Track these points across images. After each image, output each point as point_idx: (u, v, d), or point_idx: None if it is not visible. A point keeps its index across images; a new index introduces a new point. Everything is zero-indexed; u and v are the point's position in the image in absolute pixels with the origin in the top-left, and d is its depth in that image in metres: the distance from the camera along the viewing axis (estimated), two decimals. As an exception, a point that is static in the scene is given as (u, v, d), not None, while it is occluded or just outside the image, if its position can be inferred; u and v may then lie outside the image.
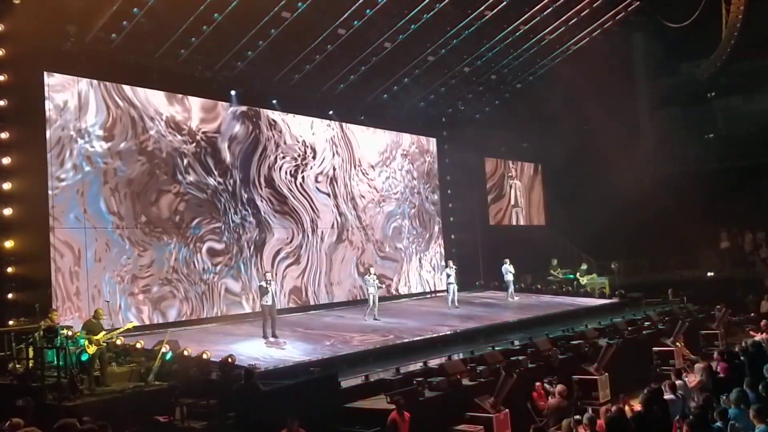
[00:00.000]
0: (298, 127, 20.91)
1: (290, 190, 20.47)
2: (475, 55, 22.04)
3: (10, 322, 12.78)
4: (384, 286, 21.75)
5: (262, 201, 19.59)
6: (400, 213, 24.31)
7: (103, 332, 11.71)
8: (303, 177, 20.86)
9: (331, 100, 21.39)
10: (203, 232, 17.99)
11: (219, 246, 18.32)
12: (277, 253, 19.81)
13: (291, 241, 20.27)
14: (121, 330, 12.62)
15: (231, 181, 18.80)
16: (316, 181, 21.27)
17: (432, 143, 26.14)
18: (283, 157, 20.35)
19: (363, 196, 22.88)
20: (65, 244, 15.19)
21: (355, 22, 18.32)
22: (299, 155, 20.82)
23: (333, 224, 21.64)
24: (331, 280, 21.31)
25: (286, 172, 20.37)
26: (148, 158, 16.95)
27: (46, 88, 15.12)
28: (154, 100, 17.28)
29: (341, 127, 22.28)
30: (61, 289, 14.95)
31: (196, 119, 18.19)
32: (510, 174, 29.48)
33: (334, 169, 21.88)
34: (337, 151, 22.03)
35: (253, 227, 19.27)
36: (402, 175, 24.55)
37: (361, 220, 22.63)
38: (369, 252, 22.59)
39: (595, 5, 21.84)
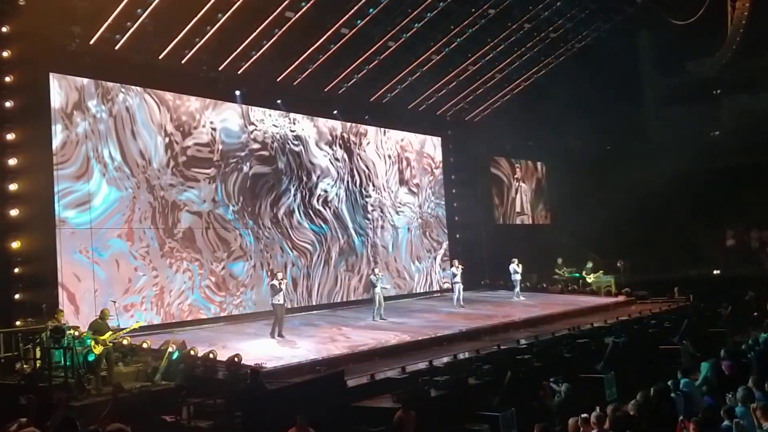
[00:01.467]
0: (314, 152, 21.06)
1: (305, 214, 20.59)
2: (479, 54, 22.02)
3: (17, 323, 12.82)
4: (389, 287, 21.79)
5: (278, 225, 19.70)
6: (410, 231, 24.36)
7: (110, 332, 11.74)
8: (316, 202, 21.00)
9: (336, 100, 21.39)
10: (223, 255, 18.13)
11: (238, 267, 18.47)
12: (289, 268, 19.89)
13: (305, 263, 20.43)
14: (128, 330, 12.64)
15: (247, 205, 18.91)
16: (328, 204, 21.38)
17: (437, 142, 26.13)
18: (301, 183, 20.54)
19: (374, 218, 22.99)
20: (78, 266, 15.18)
21: (359, 21, 18.34)
22: (314, 180, 20.97)
23: (346, 245, 21.78)
24: (343, 295, 21.53)
25: (302, 197, 20.52)
26: (172, 178, 17.13)
27: (52, 100, 15.12)
28: (175, 120, 17.46)
29: (350, 152, 22.35)
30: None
31: (214, 137, 18.35)
32: (516, 176, 29.45)
33: (346, 192, 22.01)
34: (347, 175, 22.15)
35: (271, 249, 19.39)
36: (410, 198, 24.56)
37: (370, 238, 22.70)
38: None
39: (599, 1, 21.81)
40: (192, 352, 12.44)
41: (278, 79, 19.34)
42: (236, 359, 12.00)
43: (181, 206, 17.30)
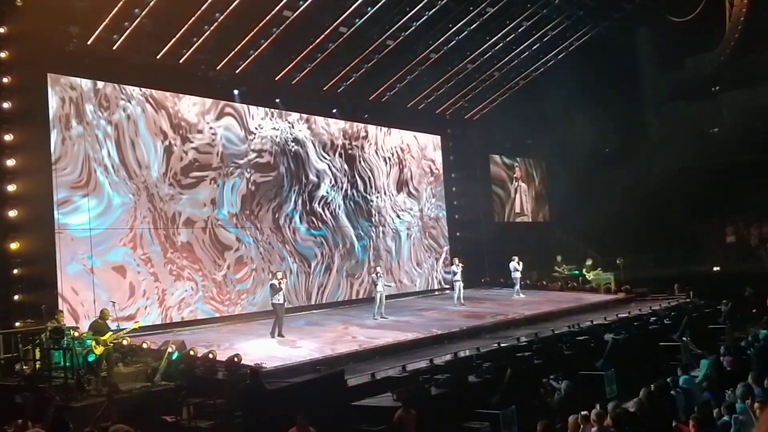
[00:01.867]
0: (315, 157, 21.03)
1: (308, 221, 20.58)
2: (478, 52, 21.99)
3: (17, 324, 12.81)
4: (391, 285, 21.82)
5: (279, 231, 19.68)
6: (411, 236, 24.35)
7: (110, 333, 11.73)
8: (317, 206, 20.98)
9: (334, 99, 21.36)
10: (225, 264, 18.09)
11: (240, 275, 18.44)
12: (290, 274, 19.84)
13: (310, 270, 20.47)
14: (128, 330, 12.64)
15: (248, 211, 18.87)
16: (330, 210, 21.36)
17: (437, 141, 26.10)
18: (302, 189, 20.50)
19: (376, 222, 22.99)
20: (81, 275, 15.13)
21: (357, 20, 18.30)
22: (315, 184, 20.94)
23: (347, 251, 21.78)
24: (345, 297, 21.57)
25: (303, 202, 20.48)
26: (170, 188, 17.11)
27: (50, 101, 15.07)
28: (176, 127, 17.41)
29: (351, 157, 22.34)
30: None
31: (214, 143, 18.33)
32: (515, 174, 29.44)
33: (347, 197, 22.01)
34: (348, 180, 22.15)
35: (271, 255, 19.35)
36: (411, 201, 24.55)
37: (372, 241, 22.74)
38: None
39: (597, -1, 21.81)
40: (192, 353, 12.44)
41: (277, 78, 19.30)
42: (236, 359, 11.99)
43: (181, 213, 17.23)
